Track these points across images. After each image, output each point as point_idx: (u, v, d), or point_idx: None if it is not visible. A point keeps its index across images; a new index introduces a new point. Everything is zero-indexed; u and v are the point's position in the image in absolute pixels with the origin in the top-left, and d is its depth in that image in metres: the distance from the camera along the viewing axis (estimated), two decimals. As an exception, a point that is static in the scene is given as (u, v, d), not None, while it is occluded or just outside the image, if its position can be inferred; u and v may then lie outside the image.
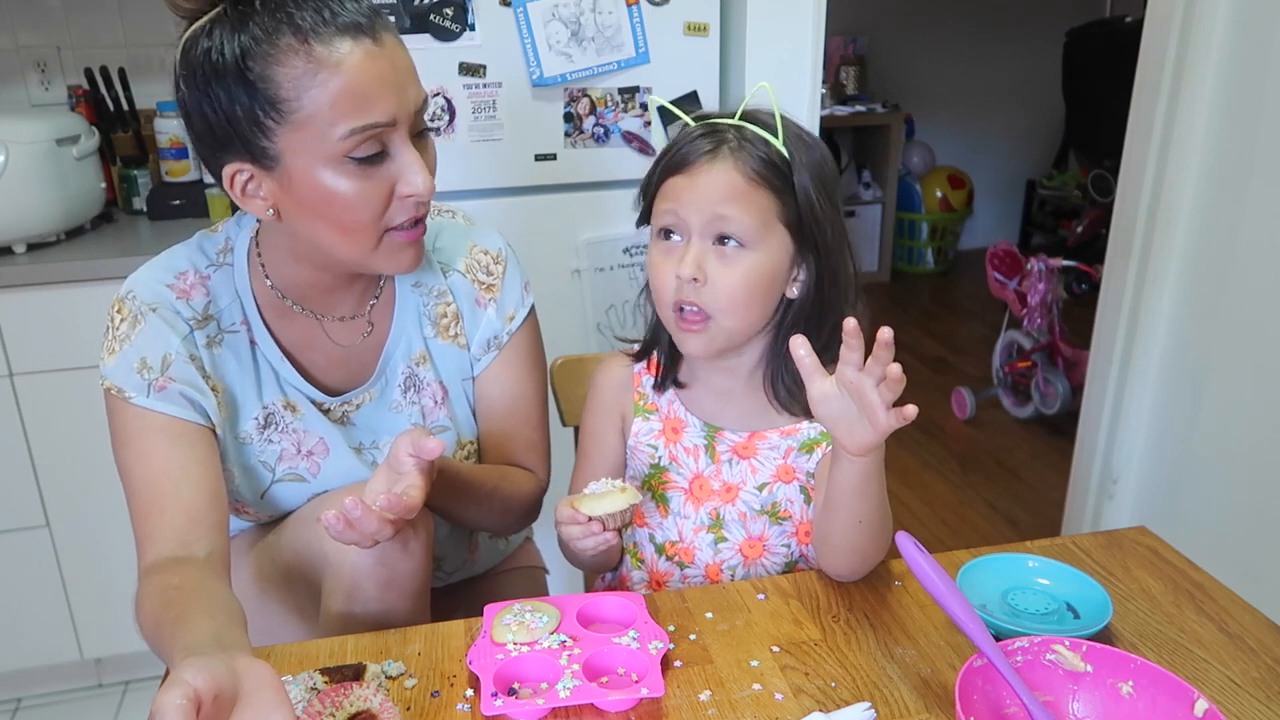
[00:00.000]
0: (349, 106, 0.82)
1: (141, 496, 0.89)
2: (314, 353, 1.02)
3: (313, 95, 0.82)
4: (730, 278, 0.92)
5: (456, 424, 1.08)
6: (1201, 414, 1.75)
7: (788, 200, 0.93)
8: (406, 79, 0.87)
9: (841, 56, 4.53)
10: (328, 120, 0.82)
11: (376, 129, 0.84)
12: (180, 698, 0.56)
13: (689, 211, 0.92)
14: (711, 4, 1.72)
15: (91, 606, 1.87)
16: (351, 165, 0.85)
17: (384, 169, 0.87)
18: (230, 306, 0.98)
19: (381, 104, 0.84)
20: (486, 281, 1.07)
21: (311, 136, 0.83)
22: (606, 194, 1.80)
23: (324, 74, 0.81)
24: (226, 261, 0.99)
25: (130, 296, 0.94)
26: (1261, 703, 0.77)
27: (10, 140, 1.70)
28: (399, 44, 0.88)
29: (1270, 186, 1.57)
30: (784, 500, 1.01)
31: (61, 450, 1.76)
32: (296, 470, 1.02)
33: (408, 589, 0.93)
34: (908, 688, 0.80)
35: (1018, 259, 3.07)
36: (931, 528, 2.56)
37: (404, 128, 0.87)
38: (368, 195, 0.87)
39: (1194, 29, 1.64)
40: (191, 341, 0.95)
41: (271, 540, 1.04)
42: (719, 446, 1.02)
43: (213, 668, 0.59)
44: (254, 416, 1.00)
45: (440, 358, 1.06)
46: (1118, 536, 1.03)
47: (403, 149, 0.87)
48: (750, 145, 0.92)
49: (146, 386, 0.91)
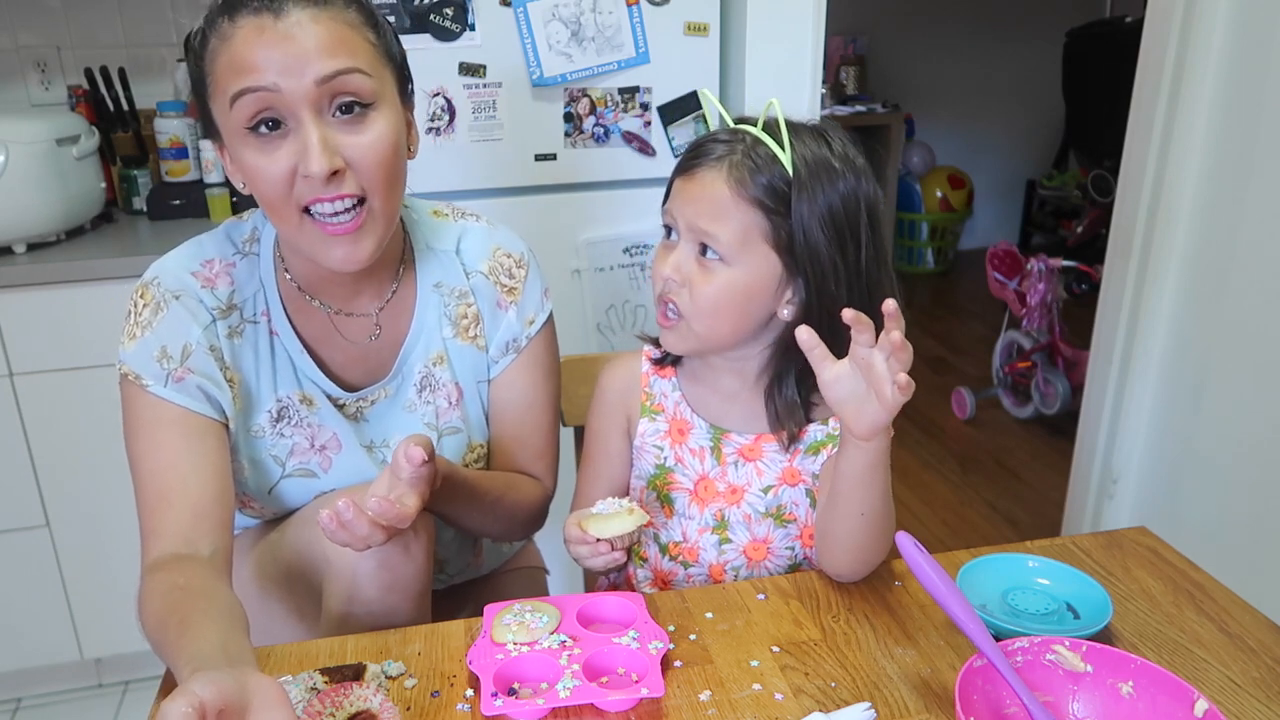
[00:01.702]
0: (233, 73, 0.84)
1: (149, 488, 0.90)
2: (331, 348, 1.02)
3: (215, 67, 0.86)
4: (705, 287, 0.92)
5: (469, 426, 1.08)
6: (1201, 414, 1.75)
7: (778, 223, 0.90)
8: (309, 49, 0.84)
9: (841, 56, 4.53)
10: (223, 89, 0.86)
11: (253, 93, 0.84)
12: (186, 706, 0.56)
13: (679, 214, 0.93)
14: (711, 4, 1.72)
15: (91, 606, 1.87)
16: (252, 136, 0.86)
17: (286, 145, 0.86)
18: (254, 296, 0.98)
19: (260, 70, 0.83)
20: (509, 284, 1.07)
21: (221, 107, 0.87)
22: (606, 194, 1.80)
23: (223, 46, 0.85)
24: (253, 251, 0.99)
25: (155, 283, 0.95)
26: (1261, 703, 0.77)
27: (10, 140, 1.70)
28: (321, 18, 0.85)
29: (1270, 186, 1.57)
30: (789, 503, 1.01)
31: (61, 450, 1.75)
32: (308, 465, 1.02)
33: (409, 591, 0.93)
34: (908, 688, 0.80)
35: (1018, 259, 3.07)
36: (931, 528, 2.56)
37: (302, 102, 0.84)
38: (269, 170, 0.86)
39: (1194, 29, 1.64)
40: (213, 331, 0.95)
41: (274, 539, 1.04)
42: (725, 448, 1.02)
43: (222, 682, 0.59)
44: (268, 409, 1.00)
45: (458, 358, 1.06)
46: (1118, 536, 1.03)
47: (302, 125, 0.85)
48: (755, 160, 0.90)
49: (165, 376, 0.91)
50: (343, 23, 0.87)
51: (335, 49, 0.85)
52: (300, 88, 0.84)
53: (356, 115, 0.87)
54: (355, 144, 0.88)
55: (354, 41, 0.87)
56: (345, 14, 0.87)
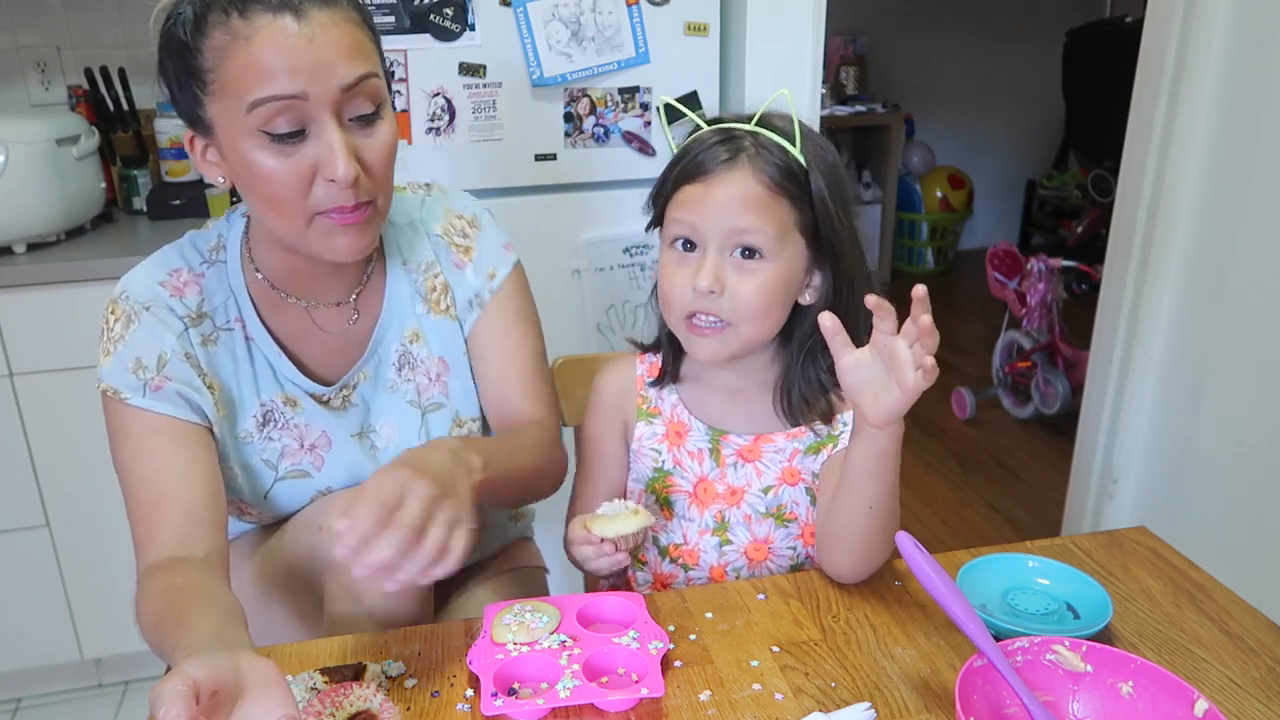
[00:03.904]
0: (254, 77, 0.82)
1: (139, 497, 0.89)
2: (310, 343, 1.02)
3: (226, 66, 0.82)
4: (748, 288, 0.91)
5: (453, 400, 1.07)
6: (1201, 414, 1.75)
7: (804, 208, 0.92)
8: (332, 55, 0.83)
9: (841, 56, 4.53)
10: (237, 92, 0.83)
11: (280, 101, 0.82)
12: (180, 684, 0.56)
13: (706, 222, 0.91)
14: (711, 4, 1.72)
15: (91, 606, 1.87)
16: (267, 139, 0.84)
17: (304, 149, 0.85)
18: (225, 303, 0.98)
19: (286, 77, 0.82)
20: (463, 244, 1.07)
21: (229, 107, 0.84)
22: (606, 194, 1.80)
23: (236, 45, 0.82)
24: (219, 259, 0.99)
25: (124, 296, 0.95)
26: (1261, 703, 0.77)
27: (10, 140, 1.70)
28: (337, 20, 0.84)
29: (1270, 186, 1.57)
30: (789, 503, 1.01)
31: (61, 450, 1.75)
32: (300, 466, 1.02)
33: (411, 593, 0.93)
34: (908, 688, 0.80)
35: (1018, 259, 3.07)
36: (931, 528, 2.56)
37: (325, 107, 0.84)
38: (285, 174, 0.85)
39: (1194, 29, 1.64)
40: (187, 339, 0.95)
41: (273, 544, 1.04)
42: (724, 450, 1.02)
43: (216, 663, 0.60)
44: (253, 414, 0.99)
45: (434, 333, 1.06)
46: (1118, 536, 1.03)
47: (324, 130, 0.85)
48: (768, 152, 0.91)
49: (142, 386, 0.91)
50: (354, 24, 0.86)
51: (355, 54, 0.85)
52: (326, 94, 0.83)
53: (369, 118, 0.88)
54: (369, 146, 0.88)
55: (365, 44, 0.87)
56: (351, 13, 0.86)
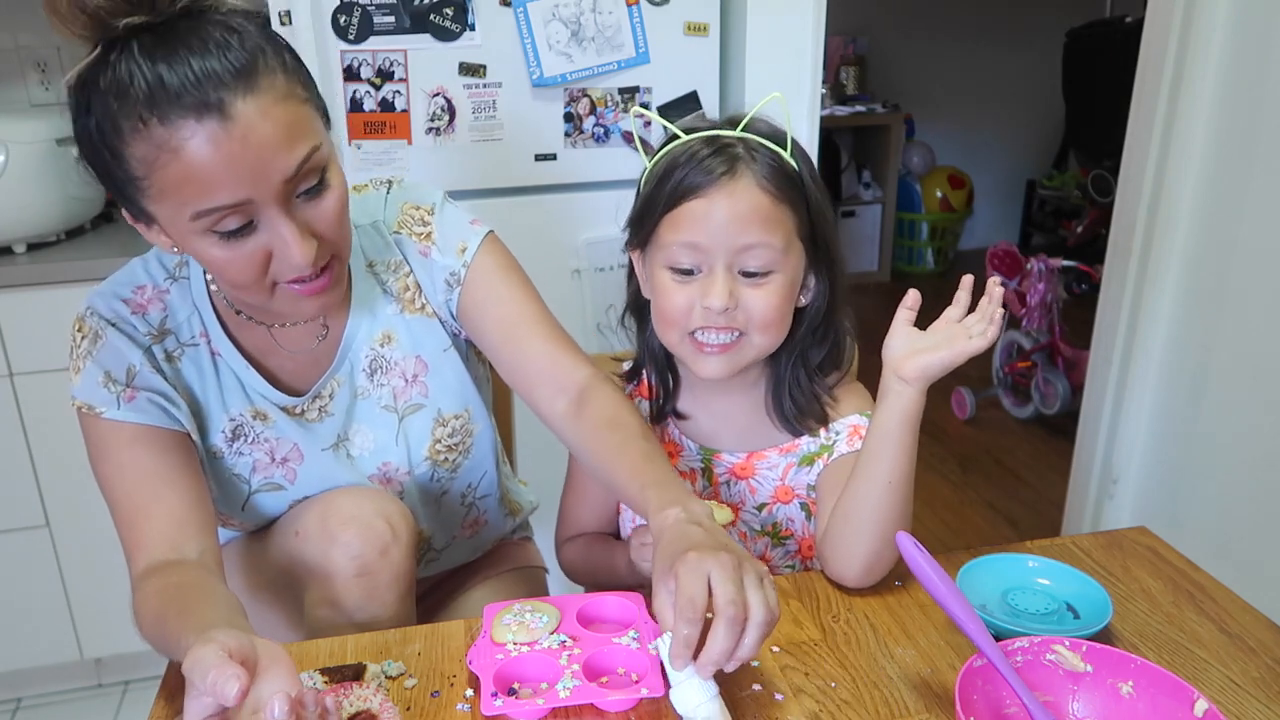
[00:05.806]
0: (193, 191, 0.77)
1: (124, 507, 0.89)
2: (279, 356, 1.00)
3: (158, 176, 0.77)
4: (763, 301, 0.90)
5: (433, 399, 1.05)
6: (1201, 414, 1.75)
7: (802, 213, 0.91)
8: (269, 151, 0.78)
9: (841, 56, 4.53)
10: (177, 201, 0.78)
11: (223, 210, 0.78)
12: (218, 648, 0.61)
13: (712, 240, 0.88)
14: (711, 4, 1.72)
15: (91, 606, 1.87)
16: (216, 237, 0.81)
17: (256, 238, 0.82)
18: (189, 319, 0.97)
19: (227, 188, 0.77)
20: (422, 231, 1.03)
21: (170, 210, 0.80)
22: (606, 194, 1.79)
23: (165, 156, 0.76)
24: (183, 275, 0.98)
25: (89, 313, 0.94)
26: (1261, 703, 0.77)
27: (10, 140, 1.70)
28: (265, 106, 0.77)
29: (1270, 186, 1.57)
30: (784, 520, 1.01)
31: (61, 450, 1.75)
32: (273, 479, 1.02)
33: (389, 596, 0.94)
34: (908, 688, 0.80)
35: (1018, 259, 3.07)
36: (931, 528, 2.56)
37: (271, 203, 0.80)
38: (240, 262, 0.82)
39: (1194, 29, 1.64)
40: (152, 355, 0.94)
41: (258, 550, 1.04)
42: (716, 469, 1.01)
43: (238, 636, 0.64)
44: (221, 430, 0.99)
45: (408, 333, 1.03)
46: (1118, 536, 1.03)
47: (274, 222, 0.81)
48: (763, 158, 0.89)
49: (115, 399, 0.90)
50: (282, 99, 0.79)
51: (293, 137, 0.80)
52: (269, 190, 0.79)
53: (315, 189, 0.84)
54: (320, 217, 0.85)
55: (301, 116, 0.81)
56: (277, 84, 0.79)
